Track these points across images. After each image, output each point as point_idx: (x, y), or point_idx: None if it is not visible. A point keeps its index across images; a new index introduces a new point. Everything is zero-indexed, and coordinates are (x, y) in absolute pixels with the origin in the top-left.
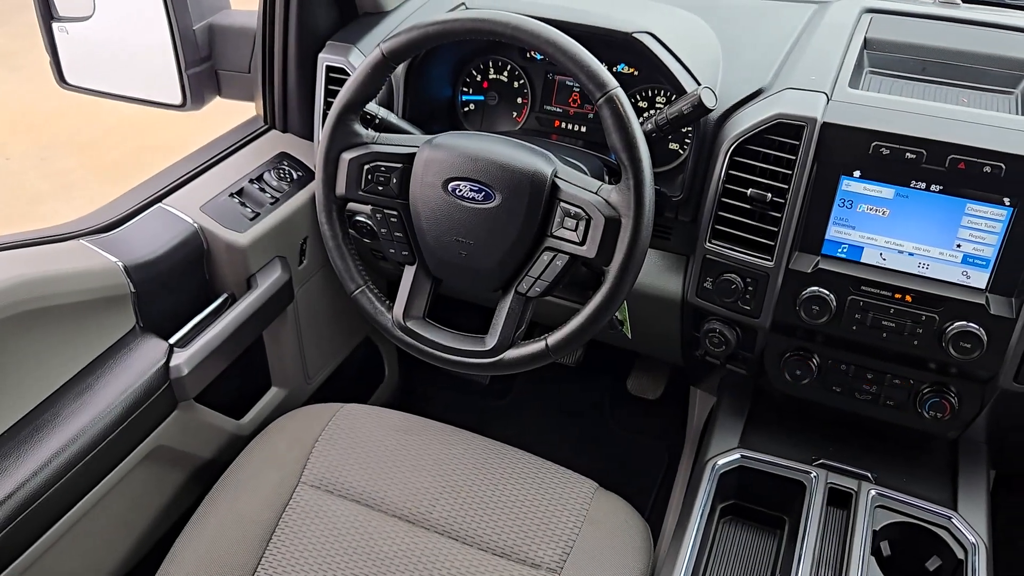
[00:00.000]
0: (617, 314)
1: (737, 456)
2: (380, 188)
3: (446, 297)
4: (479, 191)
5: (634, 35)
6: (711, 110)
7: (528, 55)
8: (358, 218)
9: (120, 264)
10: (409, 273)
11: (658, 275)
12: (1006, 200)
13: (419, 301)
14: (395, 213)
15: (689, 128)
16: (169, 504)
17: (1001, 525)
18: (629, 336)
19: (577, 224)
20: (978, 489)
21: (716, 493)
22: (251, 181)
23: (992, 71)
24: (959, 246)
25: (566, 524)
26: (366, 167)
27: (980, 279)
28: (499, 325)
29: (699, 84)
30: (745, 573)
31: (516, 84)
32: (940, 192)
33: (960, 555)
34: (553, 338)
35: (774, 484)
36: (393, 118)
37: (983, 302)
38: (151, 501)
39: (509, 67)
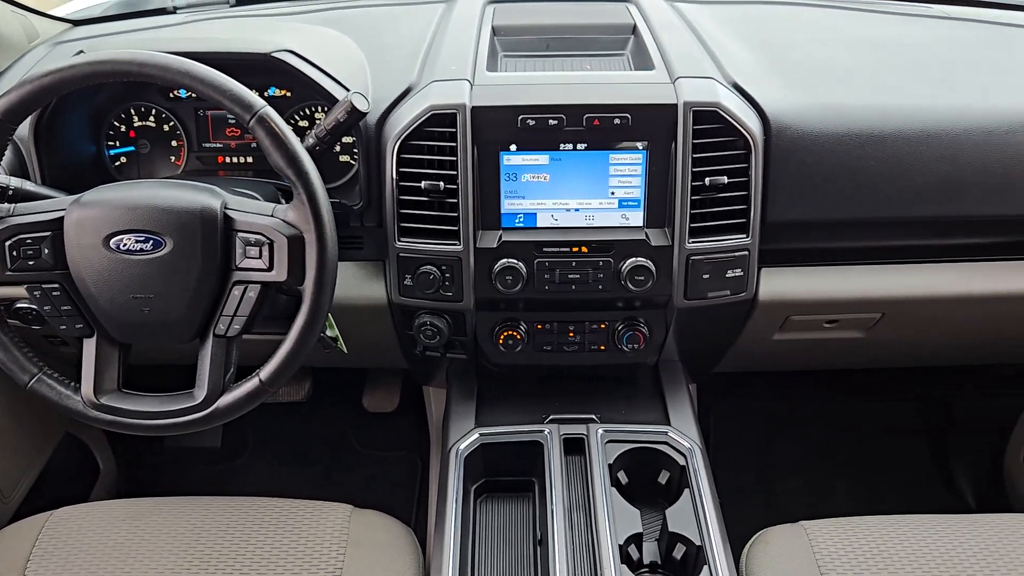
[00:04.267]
0: (328, 331)
1: (476, 436)
2: (31, 263)
3: (144, 364)
4: (146, 240)
5: (273, 55)
6: (365, 113)
7: (172, 94)
8: (18, 305)
9: None
10: (90, 346)
11: (360, 285)
12: (639, 145)
13: (109, 373)
14: (55, 286)
15: (354, 138)
16: None
17: (714, 427)
18: (345, 351)
19: (261, 251)
20: (683, 402)
21: (466, 477)
22: None
23: (604, 38)
24: (613, 193)
25: (329, 554)
26: (7, 244)
27: (637, 218)
28: (205, 374)
29: (349, 91)
30: (510, 542)
31: (166, 127)
32: (586, 149)
33: (681, 462)
34: (265, 371)
35: (515, 451)
36: (30, 185)
37: (644, 237)
38: None
39: (154, 111)
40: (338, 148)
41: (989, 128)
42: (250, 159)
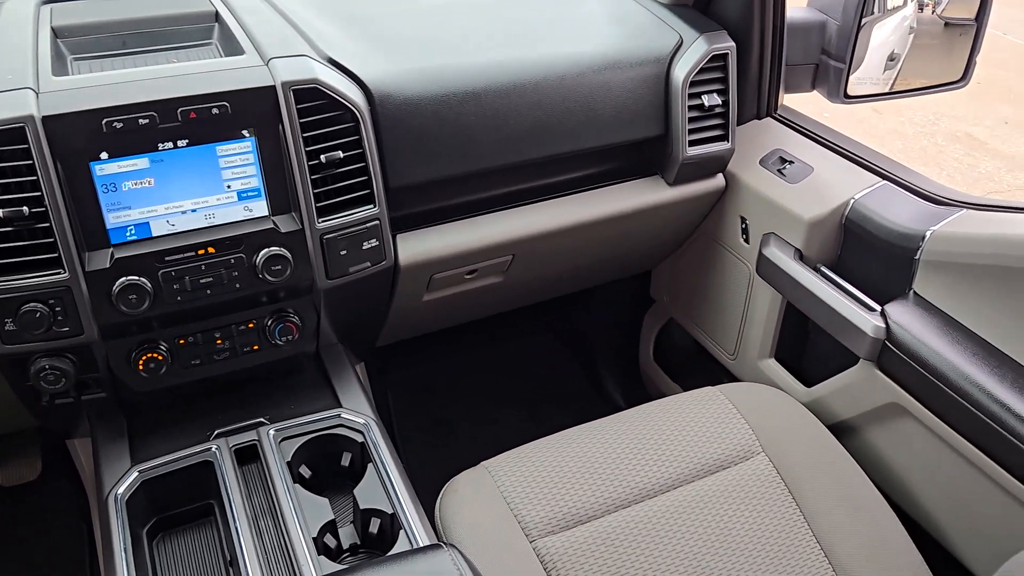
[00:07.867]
0: None
1: (134, 475)
2: None
3: None
4: None
5: None
6: None
7: None
8: None
9: None
10: None
11: None
12: (245, 132)
13: None
14: None
15: None
16: None
17: (394, 400)
18: None
19: None
20: (350, 382)
21: (132, 522)
22: None
23: (186, 28)
24: (230, 187)
25: None
26: None
27: (261, 208)
28: None
29: None
30: (199, 575)
31: None
32: (189, 145)
33: (359, 439)
34: None
35: (184, 478)
36: None
37: (272, 226)
38: None
39: None
40: None
41: (562, 74)
42: None
